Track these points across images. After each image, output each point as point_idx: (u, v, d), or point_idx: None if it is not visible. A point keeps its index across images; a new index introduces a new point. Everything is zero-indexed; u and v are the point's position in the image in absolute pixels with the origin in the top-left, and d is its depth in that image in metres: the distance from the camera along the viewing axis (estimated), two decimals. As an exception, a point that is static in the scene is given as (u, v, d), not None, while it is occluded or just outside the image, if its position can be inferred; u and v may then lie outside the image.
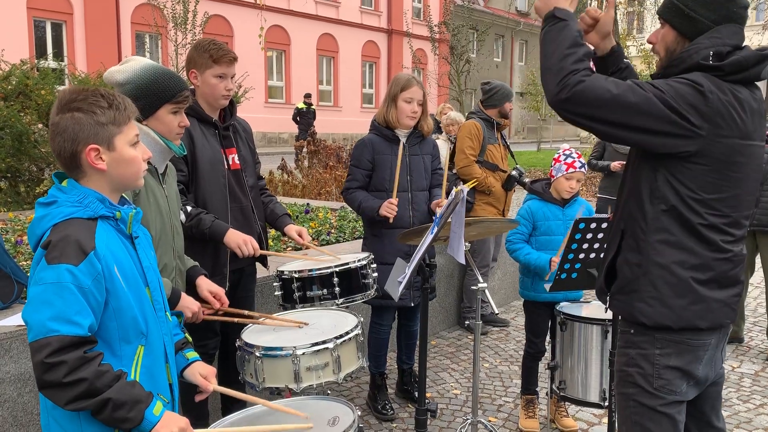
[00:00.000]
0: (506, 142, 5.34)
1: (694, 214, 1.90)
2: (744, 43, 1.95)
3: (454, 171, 5.21)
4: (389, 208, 3.50)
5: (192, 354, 1.99)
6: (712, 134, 1.84)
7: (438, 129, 7.83)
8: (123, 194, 1.82)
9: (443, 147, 7.17)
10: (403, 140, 3.66)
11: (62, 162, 1.67)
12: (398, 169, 3.55)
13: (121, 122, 1.69)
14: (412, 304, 3.72)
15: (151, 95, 2.30)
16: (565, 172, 3.46)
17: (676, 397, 1.98)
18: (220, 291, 2.58)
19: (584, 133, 24.64)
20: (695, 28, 1.93)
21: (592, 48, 2.11)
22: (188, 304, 2.33)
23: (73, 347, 1.52)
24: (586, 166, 3.48)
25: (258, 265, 3.34)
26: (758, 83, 1.98)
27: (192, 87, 2.91)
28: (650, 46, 2.08)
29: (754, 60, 1.90)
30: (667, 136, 1.84)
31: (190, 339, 2.05)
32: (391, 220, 3.51)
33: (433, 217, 3.70)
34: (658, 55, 2.05)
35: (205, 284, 2.57)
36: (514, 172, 5.07)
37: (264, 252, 3.04)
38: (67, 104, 1.65)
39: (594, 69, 1.98)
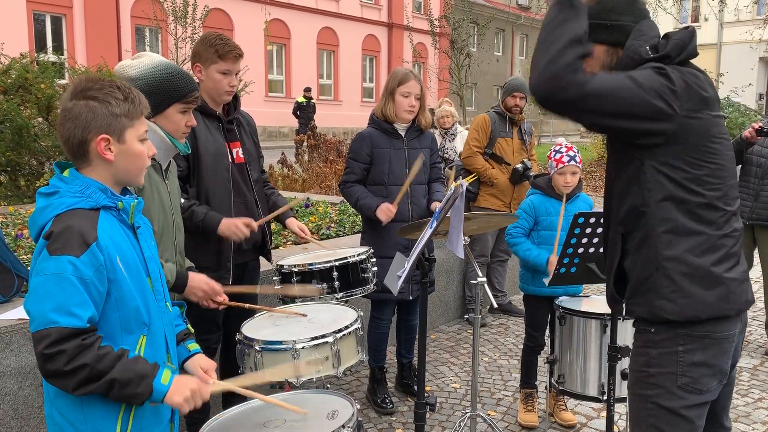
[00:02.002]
0: (523, 137, 5.36)
1: (691, 194, 1.88)
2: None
3: (459, 161, 5.33)
4: (386, 213, 3.50)
5: (194, 345, 2.00)
6: (685, 111, 1.84)
7: (434, 124, 7.85)
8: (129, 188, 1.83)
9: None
10: (403, 135, 3.66)
11: (69, 148, 1.67)
12: (407, 183, 3.53)
13: (134, 116, 1.70)
14: (411, 298, 3.73)
15: (162, 93, 2.30)
16: (555, 168, 3.47)
17: (700, 398, 1.90)
18: (218, 287, 2.57)
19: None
20: (623, 32, 1.99)
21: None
22: (198, 284, 2.32)
23: (71, 338, 1.53)
24: (577, 157, 3.47)
25: (261, 259, 3.34)
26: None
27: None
28: None
29: (687, 38, 1.95)
30: (647, 120, 1.83)
31: (192, 330, 2.05)
32: (384, 223, 3.53)
33: (434, 211, 3.71)
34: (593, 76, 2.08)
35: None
36: (519, 166, 5.10)
37: (262, 221, 3.00)
38: (82, 91, 1.65)
39: None
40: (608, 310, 3.03)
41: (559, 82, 1.77)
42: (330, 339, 2.35)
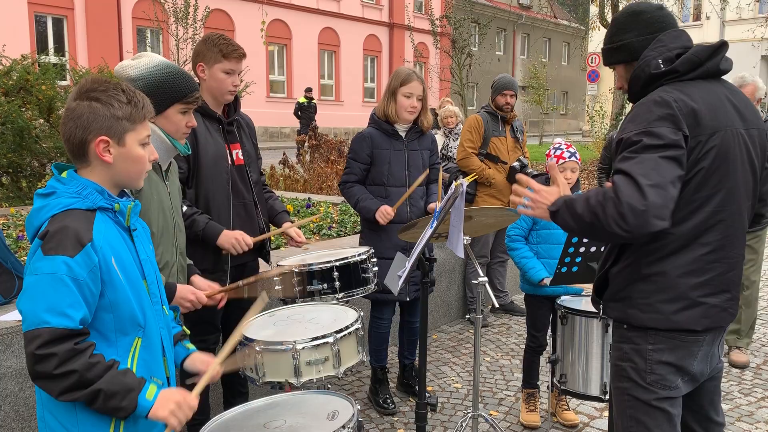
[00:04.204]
0: (515, 135, 5.35)
1: (686, 213, 1.88)
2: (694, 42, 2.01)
3: (455, 163, 5.28)
4: (384, 216, 3.50)
5: (190, 345, 2.00)
6: (693, 136, 1.84)
7: (437, 124, 7.83)
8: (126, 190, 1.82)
9: (439, 141, 7.19)
10: (404, 135, 3.66)
11: (69, 147, 1.67)
12: (407, 194, 3.55)
13: (136, 120, 1.69)
14: (408, 299, 3.72)
15: (162, 93, 2.29)
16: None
17: (670, 393, 1.97)
18: (216, 285, 2.58)
19: (586, 127, 24.60)
20: (631, 50, 2.03)
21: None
22: (184, 295, 2.30)
23: (63, 339, 1.52)
24: (577, 154, 3.47)
25: (260, 260, 3.33)
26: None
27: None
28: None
29: (707, 54, 1.93)
30: (685, 160, 1.84)
31: (188, 331, 2.04)
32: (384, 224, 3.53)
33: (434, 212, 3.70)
34: (625, 91, 2.13)
35: (201, 281, 2.56)
36: (515, 164, 5.09)
37: (259, 238, 3.00)
38: (86, 92, 1.65)
39: None
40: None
41: (631, 221, 1.76)
42: (330, 339, 2.34)
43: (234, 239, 2.83)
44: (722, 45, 1.97)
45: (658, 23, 2.01)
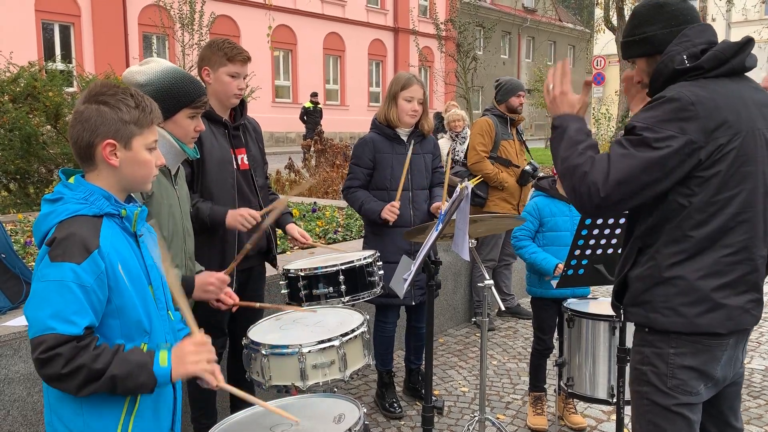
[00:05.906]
0: (521, 138, 5.34)
1: (706, 216, 1.85)
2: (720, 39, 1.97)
3: (462, 166, 5.24)
4: (391, 212, 3.49)
5: None
6: (711, 138, 1.81)
7: (443, 127, 7.84)
8: (133, 195, 1.83)
9: (446, 145, 7.18)
10: (405, 140, 3.66)
11: (76, 150, 1.69)
12: (405, 170, 3.53)
13: (144, 125, 1.71)
14: (414, 303, 3.72)
15: (171, 99, 2.30)
16: None
17: (691, 399, 1.92)
18: (226, 277, 2.58)
19: (592, 129, 24.54)
20: (655, 42, 1.99)
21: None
22: (204, 280, 2.30)
23: (67, 343, 1.53)
24: None
25: (265, 264, 3.34)
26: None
27: None
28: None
29: (732, 51, 1.90)
30: (681, 166, 1.83)
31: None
32: (391, 223, 3.51)
33: (434, 212, 3.70)
34: (645, 86, 2.09)
35: None
36: (528, 168, 5.07)
37: (265, 210, 2.95)
38: (95, 96, 1.67)
39: None
40: (617, 312, 3.01)
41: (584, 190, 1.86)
42: (336, 342, 2.34)
43: (240, 216, 2.81)
44: (748, 42, 1.93)
45: (683, 16, 1.96)
